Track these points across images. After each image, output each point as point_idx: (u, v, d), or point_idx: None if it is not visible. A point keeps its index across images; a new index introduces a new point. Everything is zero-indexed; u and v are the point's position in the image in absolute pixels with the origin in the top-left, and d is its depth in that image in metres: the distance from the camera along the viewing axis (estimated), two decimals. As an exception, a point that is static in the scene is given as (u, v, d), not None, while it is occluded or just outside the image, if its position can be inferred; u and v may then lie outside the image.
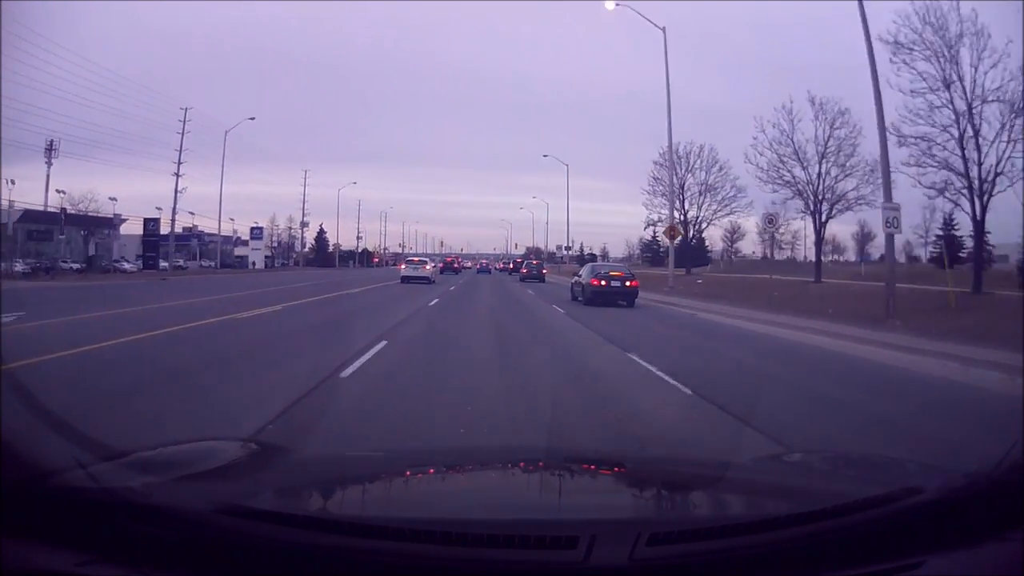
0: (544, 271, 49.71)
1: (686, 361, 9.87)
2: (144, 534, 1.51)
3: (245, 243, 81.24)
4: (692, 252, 55.23)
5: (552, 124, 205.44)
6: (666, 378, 8.02)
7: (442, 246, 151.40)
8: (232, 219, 76.87)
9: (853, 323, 15.41)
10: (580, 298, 22.52)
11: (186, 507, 1.57)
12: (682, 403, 6.84)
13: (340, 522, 1.58)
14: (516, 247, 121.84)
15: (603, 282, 21.50)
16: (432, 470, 2.51)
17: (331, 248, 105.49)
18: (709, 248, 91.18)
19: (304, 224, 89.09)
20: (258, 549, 1.51)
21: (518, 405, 6.29)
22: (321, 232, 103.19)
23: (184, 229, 71.51)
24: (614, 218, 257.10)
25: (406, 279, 35.60)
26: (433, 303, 20.70)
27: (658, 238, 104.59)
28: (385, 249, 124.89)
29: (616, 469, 2.69)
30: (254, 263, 77.05)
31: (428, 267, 37.96)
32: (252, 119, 60.09)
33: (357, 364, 8.30)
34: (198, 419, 5.47)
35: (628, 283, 21.71)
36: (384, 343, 10.31)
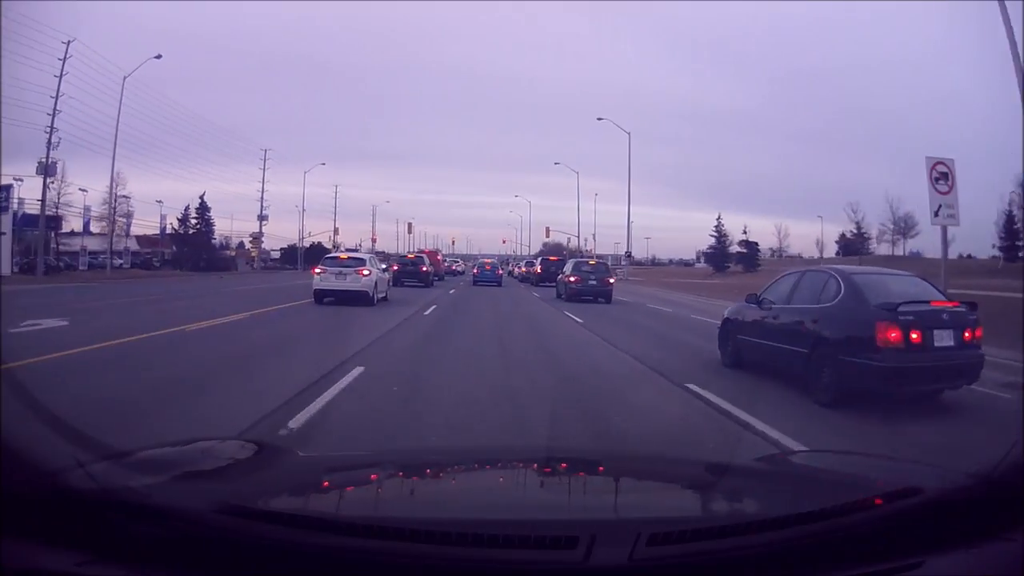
0: (610, 281, 25.91)
1: None
2: (144, 534, 1.51)
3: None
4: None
5: (558, 125, 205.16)
6: None
7: (410, 231, 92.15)
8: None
9: None
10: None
11: (186, 507, 1.57)
12: None
13: (340, 522, 1.58)
14: (548, 234, 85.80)
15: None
16: (431, 470, 2.51)
17: (253, 244, 67.93)
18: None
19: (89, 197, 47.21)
20: (258, 549, 1.51)
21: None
22: (201, 212, 58.66)
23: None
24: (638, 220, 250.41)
25: (322, 294, 19.33)
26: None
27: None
28: (357, 246, 78.28)
29: (616, 469, 2.69)
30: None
31: (366, 272, 19.47)
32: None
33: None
34: None
35: None
36: None
